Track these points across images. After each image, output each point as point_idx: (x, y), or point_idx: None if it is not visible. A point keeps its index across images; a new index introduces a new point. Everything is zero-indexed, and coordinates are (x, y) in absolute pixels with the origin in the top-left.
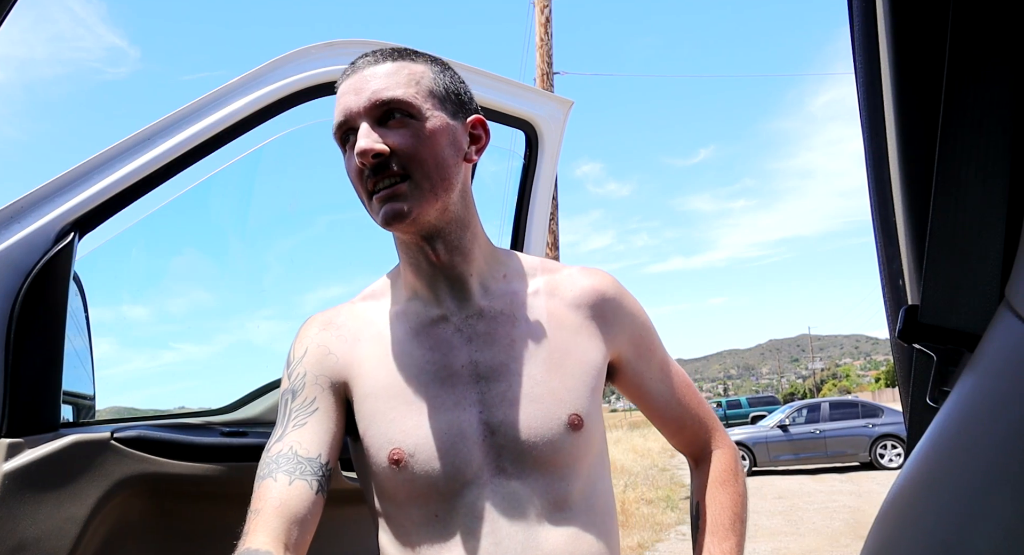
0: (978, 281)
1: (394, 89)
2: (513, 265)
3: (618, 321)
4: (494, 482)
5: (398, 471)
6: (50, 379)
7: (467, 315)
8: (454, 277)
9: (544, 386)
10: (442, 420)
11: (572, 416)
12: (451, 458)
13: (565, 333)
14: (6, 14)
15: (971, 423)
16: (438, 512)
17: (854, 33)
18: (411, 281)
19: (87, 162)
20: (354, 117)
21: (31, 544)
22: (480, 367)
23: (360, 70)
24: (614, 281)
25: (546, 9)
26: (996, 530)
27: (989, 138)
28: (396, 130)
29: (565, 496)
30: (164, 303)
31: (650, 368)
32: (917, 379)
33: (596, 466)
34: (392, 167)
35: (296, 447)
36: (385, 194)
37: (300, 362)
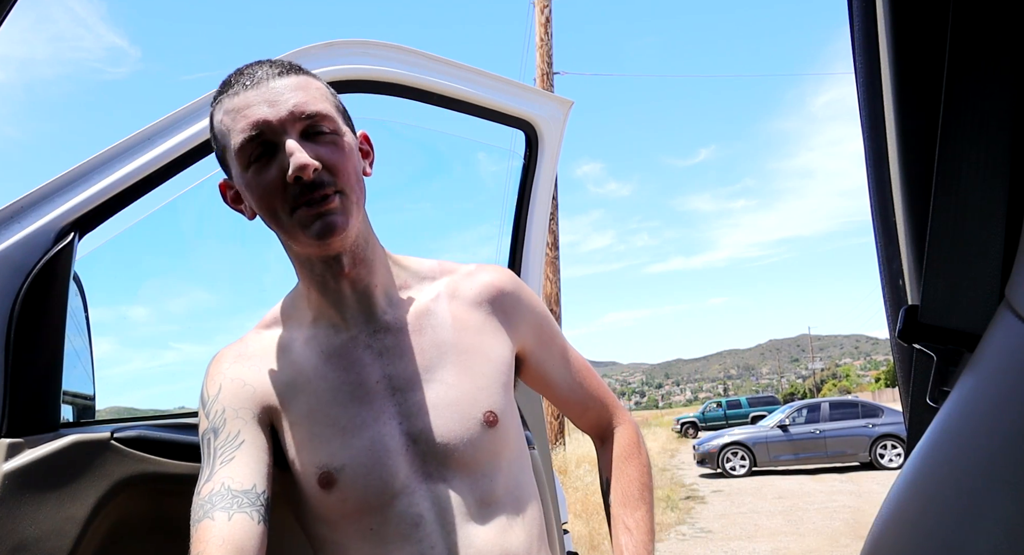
0: (978, 281)
1: (315, 104)
2: (412, 269)
3: (518, 314)
4: (423, 488)
5: (329, 493)
6: (50, 379)
7: (374, 330)
8: (360, 291)
9: (457, 389)
10: (365, 437)
11: (487, 414)
12: (379, 472)
13: (470, 334)
14: (6, 14)
15: (971, 423)
16: (372, 525)
17: (854, 33)
18: (316, 301)
19: (87, 162)
20: (274, 129)
21: (31, 544)
22: (394, 380)
23: (264, 82)
24: (511, 276)
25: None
26: (996, 529)
27: (989, 138)
28: (323, 145)
29: (490, 492)
30: (164, 303)
31: (552, 356)
32: (917, 379)
33: (517, 459)
34: (325, 182)
35: (228, 482)
36: (323, 209)
37: (216, 399)
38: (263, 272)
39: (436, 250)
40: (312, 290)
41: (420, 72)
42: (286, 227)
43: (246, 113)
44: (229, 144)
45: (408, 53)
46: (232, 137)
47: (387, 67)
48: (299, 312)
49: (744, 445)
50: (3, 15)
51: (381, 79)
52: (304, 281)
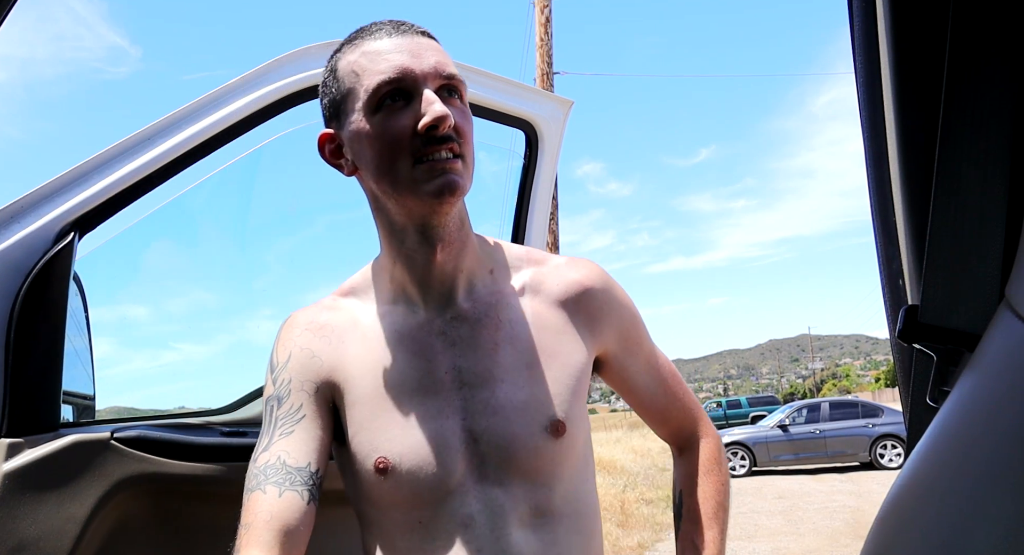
0: (978, 281)
1: (452, 67)
2: (499, 258)
3: (605, 315)
4: (477, 489)
5: (383, 479)
6: (50, 379)
7: (451, 317)
8: (446, 271)
9: (526, 392)
10: (426, 429)
11: (554, 422)
12: (435, 467)
13: (548, 334)
14: (7, 13)
15: (971, 423)
16: (421, 519)
17: (854, 33)
18: (399, 277)
19: (87, 162)
20: (416, 79)
21: (31, 544)
22: (463, 374)
23: (408, 34)
24: (601, 272)
25: (546, 9)
26: (996, 530)
27: (989, 138)
28: (455, 108)
29: (547, 502)
30: (164, 303)
31: (637, 361)
32: (917, 379)
33: (579, 470)
34: (453, 141)
35: (284, 457)
36: (447, 166)
37: (284, 367)
38: (263, 272)
39: None
40: (398, 263)
41: None
42: (401, 180)
43: (388, 57)
44: (359, 86)
45: None
46: (366, 78)
47: None
48: (378, 286)
49: (744, 445)
50: (4, 14)
51: None
52: (390, 253)
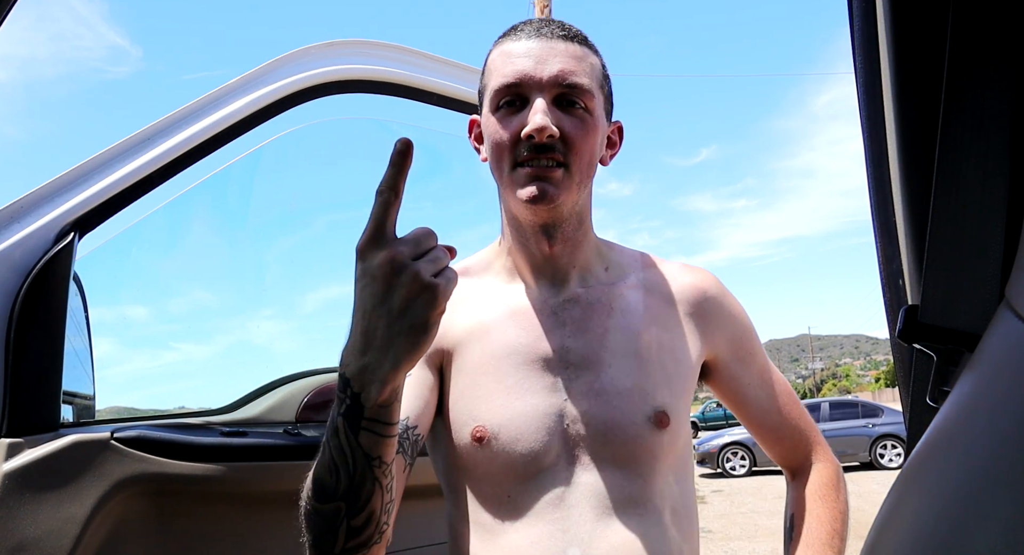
0: (978, 281)
1: (581, 76)
2: (614, 258)
3: (717, 321)
4: (569, 471)
5: (479, 448)
6: (50, 379)
7: (564, 300)
8: (559, 265)
9: (632, 379)
10: (528, 404)
11: (658, 413)
12: (532, 443)
13: (660, 329)
14: (7, 13)
15: (971, 423)
16: (511, 492)
17: (854, 33)
18: (516, 261)
19: (87, 162)
20: (532, 86)
21: (31, 544)
22: (571, 354)
23: (546, 38)
24: (716, 281)
25: (546, 9)
26: (996, 530)
27: (989, 138)
28: (570, 116)
29: (641, 493)
30: (164, 303)
31: (748, 373)
32: (917, 379)
33: (679, 466)
34: (555, 150)
35: None
36: (540, 173)
37: None
38: (263, 271)
39: None
40: (513, 248)
41: (420, 72)
42: (504, 179)
43: (514, 61)
44: (489, 83)
45: (408, 53)
46: (493, 78)
47: (387, 67)
48: (494, 267)
49: (744, 445)
50: (4, 14)
51: (381, 79)
52: (509, 237)
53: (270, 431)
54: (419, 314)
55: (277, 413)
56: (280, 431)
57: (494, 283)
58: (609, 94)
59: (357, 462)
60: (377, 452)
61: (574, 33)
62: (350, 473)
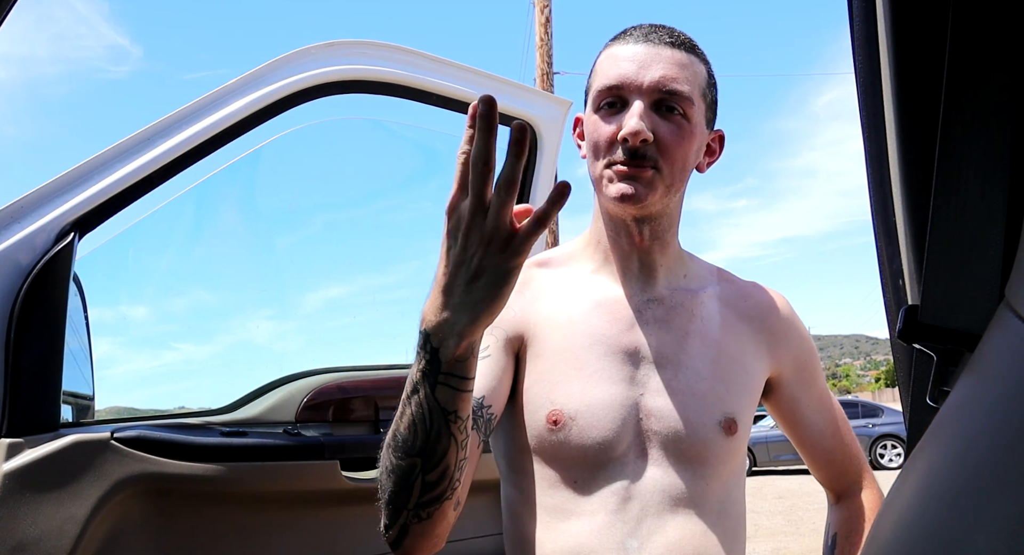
0: (978, 281)
1: (682, 83)
2: (694, 268)
3: (786, 341)
4: (637, 464)
5: (554, 431)
6: (50, 379)
7: (648, 298)
8: (646, 262)
9: (707, 383)
10: (606, 392)
11: (728, 419)
12: (606, 431)
13: (735, 340)
14: (7, 12)
15: (971, 423)
16: (578, 478)
17: (854, 34)
18: (604, 253)
19: (87, 162)
20: (632, 90)
21: (31, 544)
22: (651, 350)
23: (652, 44)
24: (787, 303)
25: (546, 9)
26: (996, 530)
27: (989, 138)
28: (667, 121)
29: (701, 494)
30: (164, 303)
31: (809, 395)
32: (917, 379)
33: (737, 473)
34: (648, 153)
35: None
36: (630, 173)
37: None
38: (263, 271)
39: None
40: (604, 240)
41: (420, 72)
42: (596, 177)
43: (619, 64)
44: (593, 83)
45: (408, 53)
46: (597, 79)
47: (387, 67)
48: (581, 259)
49: None
50: (4, 13)
51: (381, 79)
52: (600, 231)
53: (270, 431)
54: (498, 266)
55: (277, 413)
56: (280, 431)
57: (580, 274)
58: (713, 103)
59: (434, 417)
60: (453, 406)
61: (682, 40)
62: (427, 428)
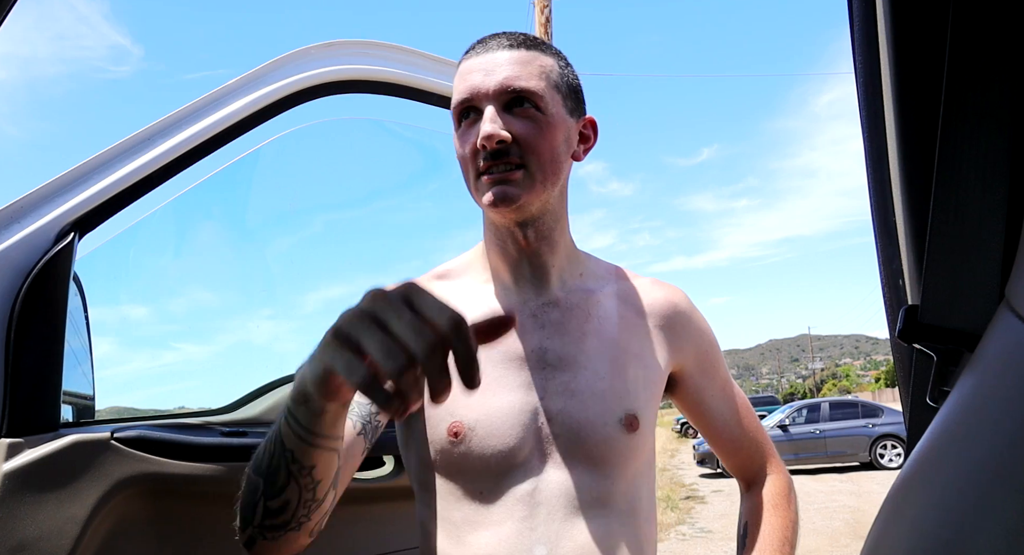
0: (978, 281)
1: (526, 79)
2: (590, 266)
3: (686, 334)
4: (541, 469)
5: (455, 444)
6: (50, 379)
7: (544, 302)
8: (537, 265)
9: (606, 383)
10: (504, 401)
11: (629, 416)
12: (507, 439)
13: (633, 337)
14: (7, 12)
15: (971, 423)
16: (483, 489)
17: (854, 33)
18: (495, 262)
19: (87, 162)
20: (480, 98)
21: (31, 544)
22: (548, 354)
23: (492, 51)
24: (686, 296)
25: (546, 9)
26: (997, 530)
27: (989, 138)
28: (520, 119)
29: (608, 494)
30: (164, 303)
31: (712, 386)
32: (917, 379)
33: (643, 471)
34: (510, 154)
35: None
36: (498, 177)
37: None
38: (263, 272)
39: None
40: (493, 250)
41: (420, 72)
42: (471, 188)
43: (467, 77)
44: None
45: (408, 53)
46: (454, 96)
47: (387, 67)
48: (474, 269)
49: None
50: (5, 13)
51: (381, 79)
52: (488, 240)
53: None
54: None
55: (277, 413)
56: None
57: (475, 284)
58: (572, 91)
59: (276, 452)
60: (299, 455)
61: (520, 40)
62: (270, 457)
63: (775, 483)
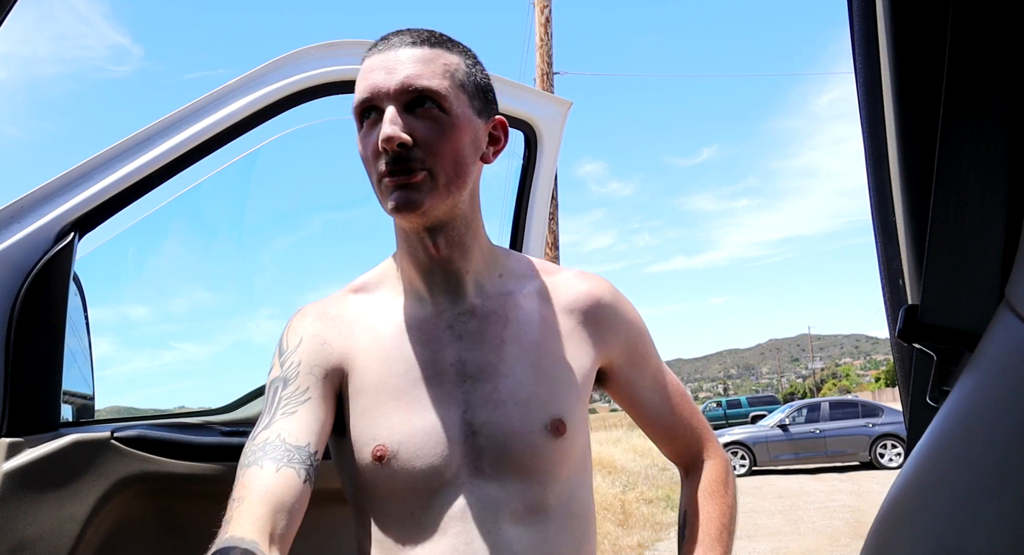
0: (978, 281)
1: (428, 78)
2: (510, 265)
3: (612, 328)
4: (471, 483)
5: (380, 467)
6: (50, 379)
7: (459, 312)
8: (450, 272)
9: (529, 389)
10: (426, 418)
11: (555, 421)
12: (432, 458)
13: (555, 338)
14: (7, 12)
15: (971, 423)
16: (415, 510)
17: (854, 33)
18: (408, 272)
19: (87, 162)
20: (381, 97)
21: (31, 544)
22: (468, 366)
23: (394, 48)
24: (611, 287)
25: (546, 9)
26: (996, 530)
27: (989, 138)
28: (423, 120)
29: (542, 500)
30: (164, 303)
31: (643, 376)
32: (917, 379)
33: (576, 472)
34: (412, 157)
35: (284, 435)
36: (400, 181)
37: (295, 351)
38: (263, 272)
39: None
40: (405, 259)
41: None
42: (376, 192)
43: (368, 76)
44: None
45: None
46: (355, 95)
47: None
48: (389, 281)
49: (744, 445)
50: (5, 13)
51: None
52: (399, 250)
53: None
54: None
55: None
56: None
57: (390, 298)
58: (480, 90)
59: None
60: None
61: (424, 37)
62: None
63: (712, 470)
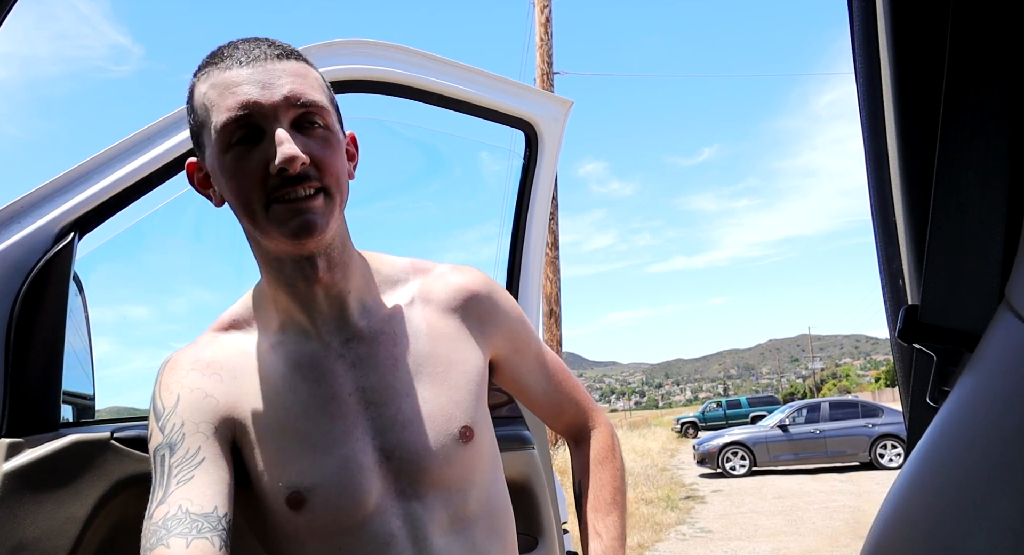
0: (978, 281)
1: (313, 93)
2: (384, 272)
3: (493, 320)
4: (396, 506)
5: (298, 514)
6: (50, 379)
7: (347, 338)
8: (333, 296)
9: (432, 404)
10: (337, 455)
11: (462, 429)
12: (351, 492)
13: (445, 343)
14: (7, 11)
15: (971, 423)
16: (341, 545)
17: (854, 33)
18: (283, 304)
19: (87, 162)
20: (264, 114)
21: (31, 544)
22: (367, 393)
23: (260, 61)
24: (486, 277)
25: (546, 9)
26: (996, 529)
27: (989, 138)
28: (314, 138)
29: (464, 508)
30: (164, 303)
31: (527, 361)
32: (917, 379)
33: (489, 472)
34: (310, 177)
35: (187, 505)
36: (303, 206)
37: (173, 412)
38: None
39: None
40: (280, 292)
41: (420, 72)
42: (258, 221)
43: (235, 91)
44: (210, 121)
45: (408, 53)
46: (215, 114)
47: (387, 67)
48: (263, 315)
49: (744, 445)
50: (5, 13)
51: (381, 79)
52: (270, 282)
53: None
54: None
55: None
56: None
57: (270, 333)
58: (336, 105)
59: None
60: None
61: (287, 50)
62: None
63: (599, 438)
